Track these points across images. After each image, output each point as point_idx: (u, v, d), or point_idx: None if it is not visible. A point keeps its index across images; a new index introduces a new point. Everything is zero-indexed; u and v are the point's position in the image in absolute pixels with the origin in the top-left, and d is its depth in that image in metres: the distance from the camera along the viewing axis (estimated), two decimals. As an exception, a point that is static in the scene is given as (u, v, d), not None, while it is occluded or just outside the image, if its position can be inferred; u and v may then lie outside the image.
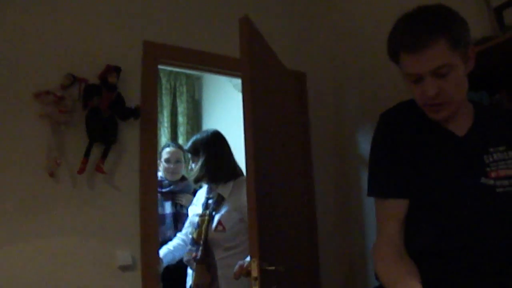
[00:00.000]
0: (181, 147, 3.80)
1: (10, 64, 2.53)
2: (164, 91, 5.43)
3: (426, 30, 1.35)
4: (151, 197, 2.78)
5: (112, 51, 2.81)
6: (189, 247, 2.96)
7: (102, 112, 2.59)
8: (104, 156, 2.60)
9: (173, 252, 3.19)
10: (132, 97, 2.80)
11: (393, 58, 1.49)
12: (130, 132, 2.78)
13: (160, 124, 5.30)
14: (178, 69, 4.88)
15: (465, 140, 1.50)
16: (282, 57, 2.98)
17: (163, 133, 5.32)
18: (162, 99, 5.39)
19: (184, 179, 3.75)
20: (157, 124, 2.95)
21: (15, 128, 2.48)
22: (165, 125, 5.36)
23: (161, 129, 5.31)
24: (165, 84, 5.46)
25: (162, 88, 5.42)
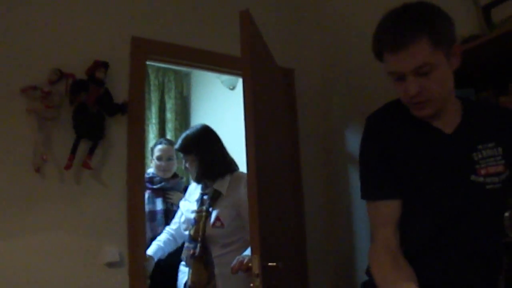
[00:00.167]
0: (173, 144, 3.77)
1: (-4, 59, 2.51)
2: (153, 87, 5.42)
3: (407, 29, 1.35)
4: (138, 194, 2.76)
5: (100, 46, 2.79)
6: (186, 244, 2.92)
7: (89, 108, 2.58)
8: (91, 152, 2.59)
9: (163, 248, 3.17)
10: (120, 93, 2.78)
11: (378, 56, 1.49)
12: (117, 128, 2.76)
13: (148, 120, 5.28)
14: (166, 65, 4.87)
15: (453, 138, 1.50)
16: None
17: (151, 129, 5.31)
18: (151, 95, 5.37)
19: (175, 176, 3.74)
20: (145, 120, 2.93)
21: (1, 123, 2.46)
22: (153, 122, 5.34)
23: (149, 125, 5.30)
24: (153, 80, 5.44)
25: (151, 84, 5.40)
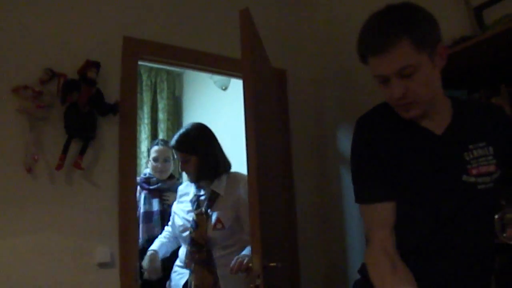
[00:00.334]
0: (170, 145, 3.75)
1: (-13, 58, 2.50)
2: (145, 88, 5.42)
3: (388, 32, 1.34)
4: (130, 194, 2.76)
5: (91, 46, 2.78)
6: (188, 248, 2.81)
7: (80, 108, 2.57)
8: (82, 152, 2.58)
9: (167, 245, 3.12)
10: (112, 93, 2.77)
11: (362, 60, 1.49)
12: (109, 128, 2.75)
13: (141, 120, 5.28)
14: (158, 66, 4.86)
15: (443, 138, 1.50)
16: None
17: (143, 129, 5.30)
18: (143, 96, 5.37)
19: (172, 177, 3.73)
20: (137, 120, 2.92)
21: (-9, 123, 2.45)
22: (145, 122, 5.34)
23: (142, 125, 5.29)
24: (145, 80, 5.44)
25: (143, 85, 5.40)
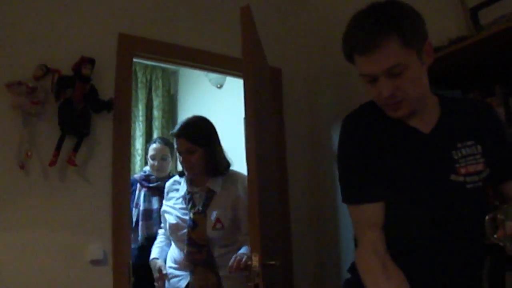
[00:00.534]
0: (168, 144, 3.73)
1: (-19, 53, 2.48)
2: (140, 85, 5.41)
3: (376, 30, 1.32)
4: (123, 191, 2.75)
5: (86, 42, 2.77)
6: (187, 248, 2.69)
7: (75, 104, 2.55)
8: (76, 149, 2.57)
9: (165, 249, 3.00)
10: (106, 89, 2.77)
11: (348, 59, 1.47)
12: (103, 125, 2.74)
13: (135, 118, 5.27)
14: (153, 63, 4.86)
15: (431, 137, 1.49)
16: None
17: (138, 127, 5.30)
18: (138, 93, 5.36)
19: (171, 176, 3.72)
20: (131, 117, 2.91)
21: (-15, 119, 2.44)
22: (140, 119, 5.33)
23: (136, 123, 5.28)
24: (140, 77, 5.43)
25: (138, 82, 5.39)
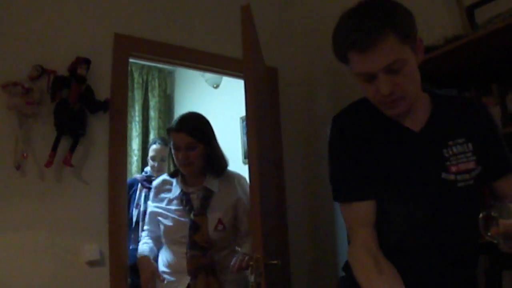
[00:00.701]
0: (168, 144, 3.72)
1: (-24, 54, 2.48)
2: (136, 85, 5.41)
3: (373, 26, 1.29)
4: (120, 191, 2.74)
5: (82, 42, 2.76)
6: (190, 252, 2.51)
7: (70, 105, 2.54)
8: (72, 149, 2.56)
9: (154, 249, 2.75)
10: (102, 90, 2.76)
11: (341, 58, 1.43)
12: (99, 125, 2.74)
13: (132, 118, 5.27)
14: (149, 63, 4.86)
15: (421, 135, 1.48)
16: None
17: (134, 127, 5.30)
18: (134, 93, 5.36)
19: None
20: (127, 118, 2.90)
21: (-20, 120, 2.43)
22: (136, 120, 5.33)
23: (133, 123, 5.29)
24: (137, 78, 5.43)
25: (134, 82, 5.39)
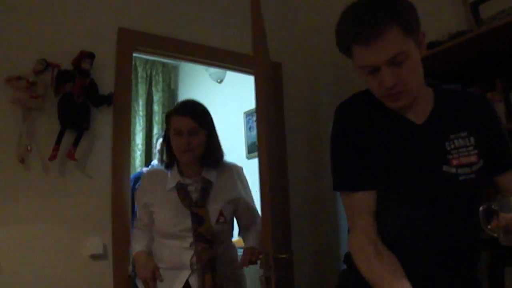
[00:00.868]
0: None
1: (-19, 48, 2.48)
2: (140, 80, 5.41)
3: (377, 18, 1.29)
4: (123, 185, 2.75)
5: (86, 37, 2.77)
6: (195, 246, 2.37)
7: (74, 99, 2.55)
8: (76, 143, 2.57)
9: (147, 243, 2.55)
10: (106, 84, 2.77)
11: (344, 51, 1.44)
12: (103, 119, 2.75)
13: (136, 112, 5.28)
14: (153, 58, 4.85)
15: (424, 128, 1.48)
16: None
17: (138, 121, 5.30)
18: (138, 88, 5.36)
19: None
20: (131, 112, 2.91)
21: (-16, 114, 2.44)
22: (140, 114, 5.33)
23: (136, 117, 5.29)
24: (141, 72, 5.43)
25: (138, 77, 5.39)
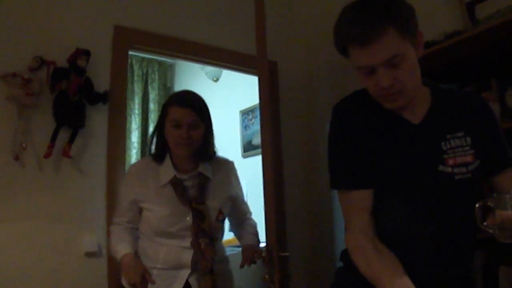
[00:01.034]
0: None
1: (-24, 45, 2.47)
2: (136, 78, 5.41)
3: (374, 20, 1.30)
4: (118, 184, 2.73)
5: (82, 34, 2.76)
6: (204, 242, 2.24)
7: (70, 96, 2.55)
8: (71, 141, 2.57)
9: (133, 243, 2.34)
10: (102, 82, 2.76)
11: (342, 51, 1.45)
12: (98, 117, 2.75)
13: (131, 111, 5.27)
14: (149, 56, 4.85)
15: (420, 128, 1.48)
16: (252, 46, 2.96)
17: (133, 120, 5.30)
18: (134, 86, 5.36)
19: None
20: (126, 110, 2.91)
21: (-21, 111, 2.43)
22: (136, 112, 5.33)
23: (132, 116, 5.29)
24: (137, 70, 5.43)
25: (134, 75, 5.39)
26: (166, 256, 2.26)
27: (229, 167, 2.52)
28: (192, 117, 2.24)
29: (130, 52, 3.03)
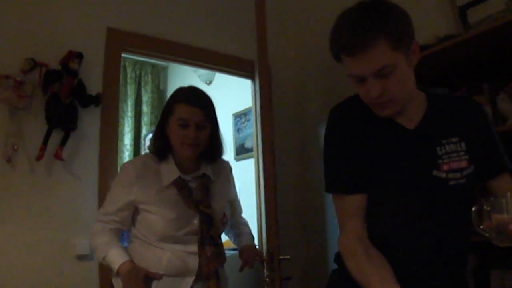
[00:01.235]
0: None
1: (-32, 46, 2.46)
2: (129, 81, 5.40)
3: (364, 31, 1.30)
4: (110, 185, 2.73)
5: (74, 36, 2.76)
6: (212, 251, 2.13)
7: (62, 98, 2.55)
8: (63, 143, 2.56)
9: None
10: (94, 84, 2.76)
11: (336, 59, 1.46)
12: (90, 120, 2.74)
13: (124, 113, 5.26)
14: (142, 58, 4.84)
15: (415, 133, 1.49)
16: (245, 49, 2.97)
17: (126, 122, 5.29)
18: (127, 88, 5.35)
19: None
20: (119, 113, 2.91)
21: (-29, 113, 2.42)
22: (128, 115, 5.32)
23: (125, 118, 5.28)
24: (130, 73, 5.42)
25: (127, 78, 5.38)
26: (170, 263, 2.09)
27: (227, 168, 2.45)
28: (200, 116, 2.12)
29: (123, 55, 3.03)
